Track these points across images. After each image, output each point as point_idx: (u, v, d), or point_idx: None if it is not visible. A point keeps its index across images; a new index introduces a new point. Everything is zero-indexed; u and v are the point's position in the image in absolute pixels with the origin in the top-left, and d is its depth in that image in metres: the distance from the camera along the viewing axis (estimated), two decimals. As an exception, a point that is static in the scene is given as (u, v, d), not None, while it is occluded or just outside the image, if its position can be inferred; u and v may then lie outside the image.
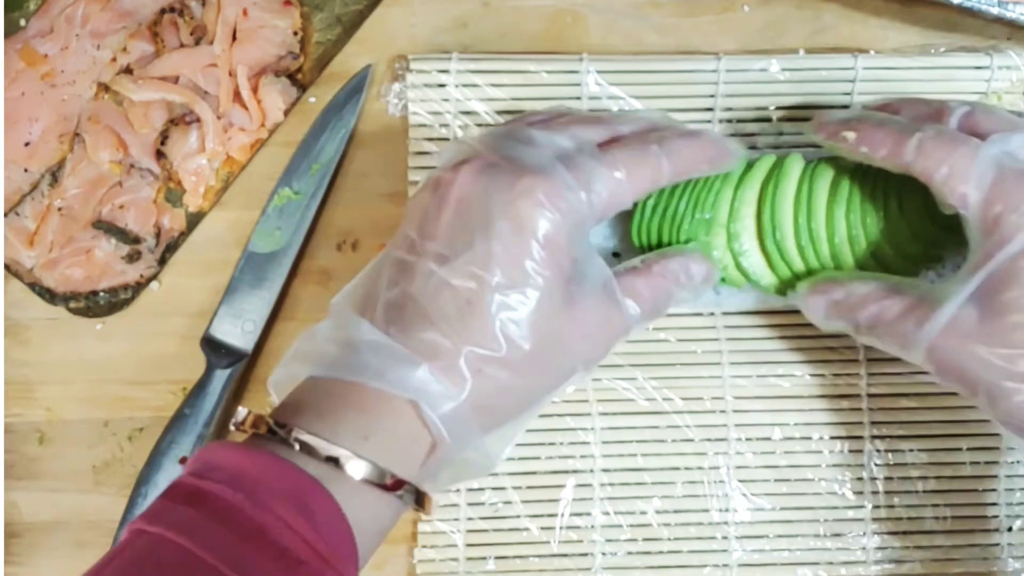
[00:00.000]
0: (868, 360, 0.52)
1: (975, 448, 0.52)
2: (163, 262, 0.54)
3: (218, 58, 0.53)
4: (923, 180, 0.42)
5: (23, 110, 0.54)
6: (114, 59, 0.54)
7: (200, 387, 0.51)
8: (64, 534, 0.53)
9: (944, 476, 0.51)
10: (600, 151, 0.42)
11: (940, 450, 0.52)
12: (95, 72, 0.54)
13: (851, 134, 0.43)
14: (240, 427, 0.38)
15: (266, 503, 0.34)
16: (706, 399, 0.52)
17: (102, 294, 0.53)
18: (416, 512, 0.39)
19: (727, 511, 0.51)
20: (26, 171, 0.54)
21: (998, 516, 0.51)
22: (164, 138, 0.53)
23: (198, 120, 0.53)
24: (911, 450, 0.52)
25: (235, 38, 0.54)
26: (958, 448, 0.52)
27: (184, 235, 0.54)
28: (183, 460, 0.51)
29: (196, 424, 0.51)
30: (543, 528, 0.51)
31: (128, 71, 0.54)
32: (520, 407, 0.42)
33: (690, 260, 0.45)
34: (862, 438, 0.52)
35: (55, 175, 0.54)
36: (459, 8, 0.54)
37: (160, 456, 0.51)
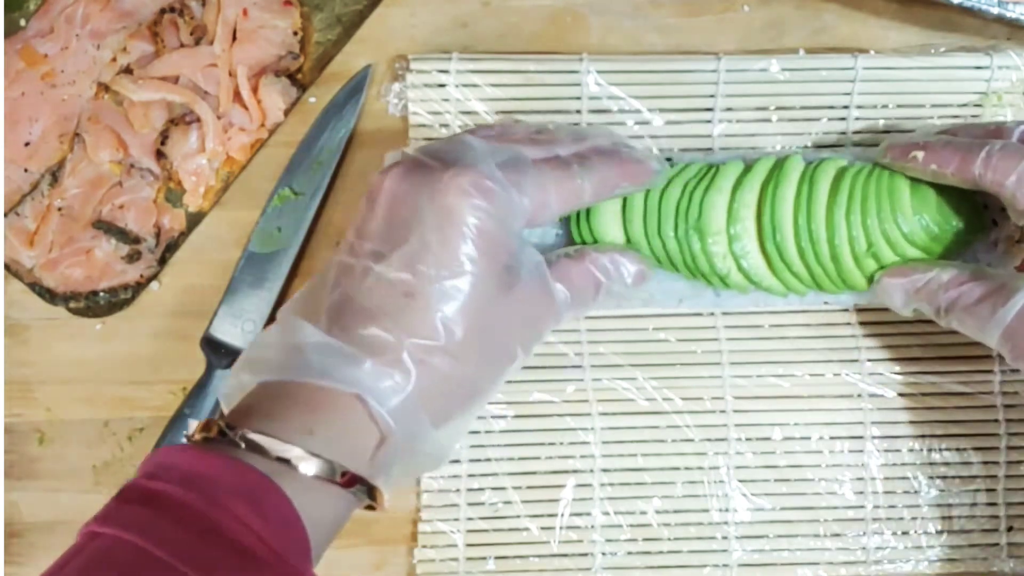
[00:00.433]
0: (868, 360, 0.52)
1: (975, 448, 0.52)
2: (163, 262, 0.54)
3: (218, 58, 0.53)
4: (992, 190, 0.45)
5: (23, 110, 0.54)
6: (114, 59, 0.54)
7: (200, 387, 0.51)
8: (64, 534, 0.53)
9: (944, 476, 0.52)
10: (533, 166, 0.43)
11: (940, 450, 0.52)
12: (95, 72, 0.54)
13: (920, 153, 0.46)
14: (190, 437, 0.38)
15: (219, 500, 0.34)
16: (706, 399, 0.52)
17: (102, 294, 0.53)
18: (370, 509, 0.39)
19: (727, 511, 0.51)
20: (26, 171, 0.54)
21: (998, 516, 0.52)
22: (164, 138, 0.53)
23: (198, 120, 0.53)
24: (911, 450, 0.52)
25: (235, 38, 0.54)
26: (958, 448, 0.52)
27: (184, 235, 0.54)
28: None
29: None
30: (543, 528, 0.51)
31: (128, 71, 0.54)
32: (466, 396, 0.42)
33: (623, 256, 0.46)
34: (862, 438, 0.52)
35: (55, 175, 0.54)
36: (459, 8, 0.54)
37: (160, 456, 0.51)
